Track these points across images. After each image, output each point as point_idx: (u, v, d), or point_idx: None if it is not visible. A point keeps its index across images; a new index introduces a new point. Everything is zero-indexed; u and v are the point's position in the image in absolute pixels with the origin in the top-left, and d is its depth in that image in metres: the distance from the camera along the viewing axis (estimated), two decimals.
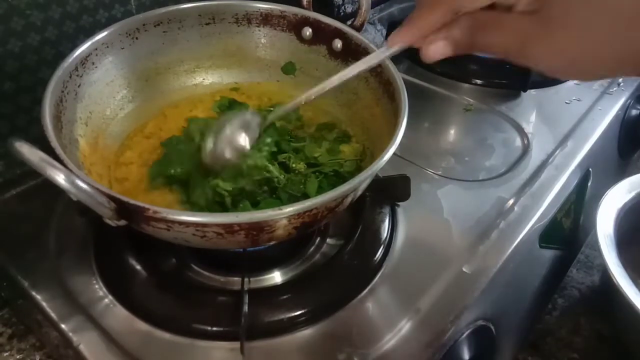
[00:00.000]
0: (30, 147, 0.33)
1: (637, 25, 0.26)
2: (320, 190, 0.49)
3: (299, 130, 0.57)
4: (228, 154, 0.46)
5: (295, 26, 0.60)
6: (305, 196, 0.48)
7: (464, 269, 0.52)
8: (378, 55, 0.41)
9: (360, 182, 0.41)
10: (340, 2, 0.91)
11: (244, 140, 0.46)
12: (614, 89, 0.81)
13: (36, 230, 0.54)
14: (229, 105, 0.59)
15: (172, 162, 0.50)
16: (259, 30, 0.61)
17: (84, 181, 0.35)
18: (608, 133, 0.74)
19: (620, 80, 0.82)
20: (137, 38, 0.56)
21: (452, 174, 0.64)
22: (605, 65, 0.29)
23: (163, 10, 0.57)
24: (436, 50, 0.34)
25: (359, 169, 0.52)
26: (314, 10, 0.59)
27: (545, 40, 0.28)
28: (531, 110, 0.76)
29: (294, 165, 0.51)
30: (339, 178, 0.51)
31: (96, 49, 0.52)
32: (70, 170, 0.35)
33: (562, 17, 0.28)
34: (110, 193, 0.36)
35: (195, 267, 0.52)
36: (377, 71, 0.53)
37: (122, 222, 0.39)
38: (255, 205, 0.47)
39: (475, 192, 0.61)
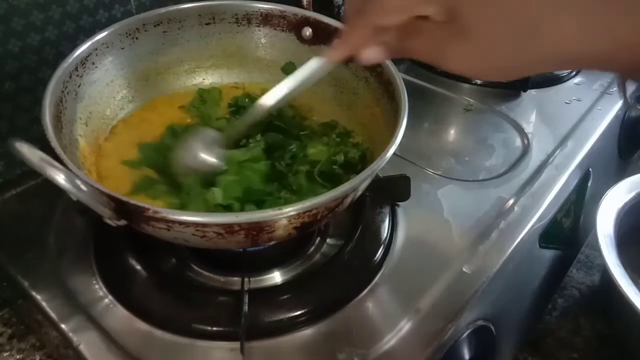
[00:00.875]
0: (30, 147, 0.33)
1: (535, 33, 0.28)
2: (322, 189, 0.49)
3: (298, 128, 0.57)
4: (197, 165, 0.47)
5: (295, 26, 0.60)
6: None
7: (464, 269, 0.52)
8: (312, 65, 0.43)
9: (360, 182, 0.41)
10: (340, 2, 0.91)
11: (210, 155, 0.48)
12: (614, 89, 0.81)
13: (36, 230, 0.54)
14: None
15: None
16: (259, 30, 0.61)
17: (83, 181, 0.35)
18: (608, 133, 0.74)
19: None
20: (137, 38, 0.56)
21: (452, 174, 0.64)
22: (512, 66, 0.31)
23: (163, 10, 0.57)
24: (370, 54, 0.37)
25: (363, 159, 0.52)
26: (314, 10, 0.59)
27: (457, 46, 0.32)
28: (531, 110, 0.76)
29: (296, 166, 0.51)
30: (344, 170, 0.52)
31: (96, 49, 0.52)
32: (70, 170, 0.35)
33: (468, 27, 0.30)
34: (110, 193, 0.36)
35: (195, 267, 0.52)
36: (377, 71, 0.53)
37: (122, 222, 0.39)
38: (261, 204, 0.47)
39: (475, 192, 0.61)
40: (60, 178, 0.34)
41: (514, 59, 0.31)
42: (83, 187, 0.35)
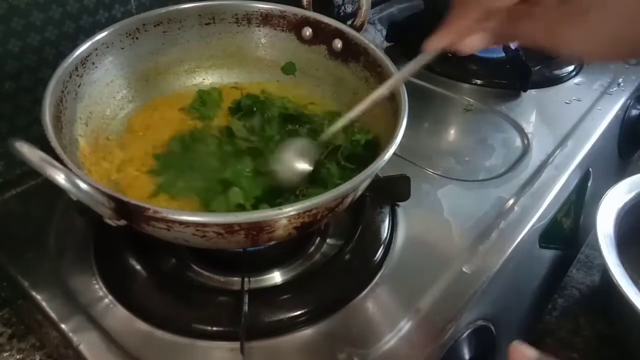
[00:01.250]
0: (30, 147, 0.33)
1: None
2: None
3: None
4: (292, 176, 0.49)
5: (295, 26, 0.60)
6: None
7: (464, 269, 0.52)
8: (419, 61, 0.42)
9: (360, 182, 0.41)
10: (340, 2, 0.91)
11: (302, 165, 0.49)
12: (614, 89, 0.81)
13: (36, 230, 0.54)
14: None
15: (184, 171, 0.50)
16: (259, 30, 0.61)
17: (84, 181, 0.35)
18: (608, 133, 0.74)
19: (620, 80, 0.82)
20: (137, 38, 0.56)
21: (452, 174, 0.64)
22: (626, 47, 0.30)
23: (163, 10, 0.57)
24: (474, 42, 0.36)
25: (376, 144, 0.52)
26: (314, 11, 0.59)
27: (572, 27, 0.30)
28: (531, 110, 0.76)
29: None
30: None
31: (96, 49, 0.52)
32: (71, 170, 0.35)
33: (584, 4, 0.29)
34: (110, 193, 0.36)
35: (195, 267, 0.52)
36: (377, 71, 0.53)
37: (122, 222, 0.39)
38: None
39: (475, 192, 0.61)
40: (60, 178, 0.34)
41: (626, 35, 0.29)
42: (83, 186, 0.35)
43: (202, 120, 0.57)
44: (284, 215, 0.38)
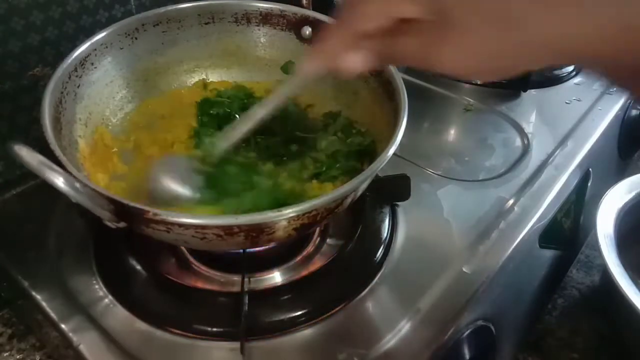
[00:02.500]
0: (29, 150, 0.33)
1: (525, 24, 0.28)
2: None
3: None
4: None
5: (294, 25, 0.60)
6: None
7: (464, 269, 0.52)
8: (292, 83, 0.41)
9: (360, 182, 0.41)
10: (341, 2, 0.91)
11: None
12: (614, 89, 0.81)
13: (36, 230, 0.54)
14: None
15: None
16: (259, 30, 0.61)
17: (83, 184, 0.35)
18: (608, 133, 0.74)
19: None
20: (136, 38, 0.56)
21: (452, 174, 0.64)
22: (499, 67, 0.31)
23: (162, 10, 0.57)
24: (352, 61, 0.34)
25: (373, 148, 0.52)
26: (314, 10, 0.59)
27: (448, 45, 0.30)
28: (531, 110, 0.76)
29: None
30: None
31: (95, 50, 0.52)
32: (70, 173, 0.35)
33: (458, 23, 0.29)
34: (110, 195, 0.36)
35: (195, 267, 0.52)
36: (377, 71, 0.53)
37: (122, 224, 0.39)
38: None
39: (475, 192, 0.61)
40: (59, 181, 0.34)
41: (507, 54, 0.30)
42: (82, 190, 0.35)
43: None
44: (284, 217, 0.38)
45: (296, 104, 0.59)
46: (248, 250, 0.49)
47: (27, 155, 0.33)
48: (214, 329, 0.45)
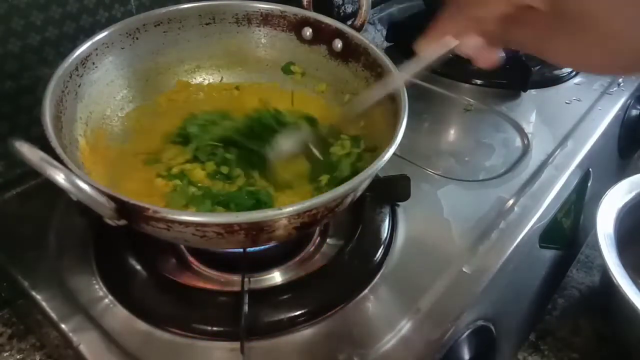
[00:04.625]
0: (31, 147, 0.33)
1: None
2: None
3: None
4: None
5: (295, 26, 0.60)
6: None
7: (464, 269, 0.52)
8: (419, 63, 0.41)
9: (360, 182, 0.41)
10: (340, 2, 0.91)
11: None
12: (614, 89, 0.81)
13: (36, 230, 0.54)
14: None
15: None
16: (259, 31, 0.61)
17: (84, 181, 0.35)
18: (608, 133, 0.74)
19: (620, 80, 0.82)
20: (137, 38, 0.56)
21: (452, 174, 0.64)
22: (613, 63, 0.30)
23: (163, 10, 0.57)
24: (468, 44, 0.35)
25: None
26: (314, 11, 0.59)
27: (562, 39, 0.30)
28: (531, 110, 0.76)
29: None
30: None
31: (96, 49, 0.52)
32: (70, 170, 0.35)
33: (573, 18, 0.29)
34: (110, 193, 0.36)
35: (196, 267, 0.52)
36: (377, 71, 0.53)
37: (122, 222, 0.39)
38: None
39: (475, 192, 0.61)
40: (60, 178, 0.34)
41: (621, 54, 0.29)
42: (83, 186, 0.35)
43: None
44: (284, 216, 0.38)
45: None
46: (248, 250, 0.49)
47: (28, 151, 0.33)
48: (214, 329, 0.45)
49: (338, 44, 0.58)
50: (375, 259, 0.51)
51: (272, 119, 0.56)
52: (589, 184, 0.72)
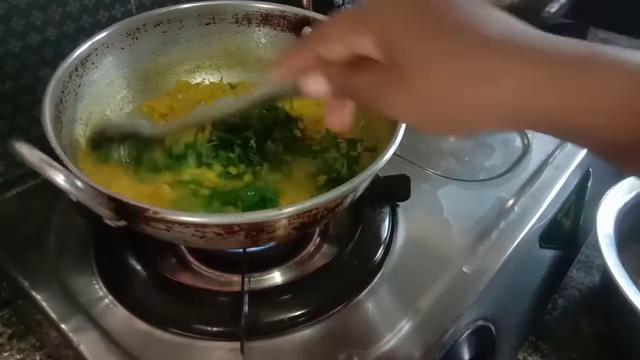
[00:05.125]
0: (30, 148, 0.33)
1: (489, 83, 0.25)
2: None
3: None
4: None
5: (295, 26, 0.60)
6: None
7: (464, 269, 0.52)
8: (262, 90, 0.39)
9: (360, 182, 0.41)
10: (340, 2, 0.91)
11: None
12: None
13: (36, 230, 0.54)
14: None
15: None
16: (259, 30, 0.61)
17: (83, 182, 0.35)
18: None
19: None
20: (137, 38, 0.56)
21: (452, 174, 0.64)
22: (449, 120, 0.28)
23: (163, 10, 0.57)
24: (314, 83, 0.32)
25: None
26: (314, 10, 0.59)
27: (395, 91, 0.28)
28: None
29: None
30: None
31: (96, 49, 0.52)
32: (70, 171, 0.35)
33: (404, 67, 0.27)
34: (110, 194, 0.36)
35: (196, 267, 0.52)
36: None
37: (122, 223, 0.39)
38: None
39: (475, 192, 0.61)
40: (59, 179, 0.34)
41: (452, 112, 0.27)
42: (82, 187, 0.35)
43: None
44: (284, 216, 0.38)
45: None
46: (248, 250, 0.49)
47: (28, 152, 0.33)
48: (214, 329, 0.45)
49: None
50: (375, 259, 0.51)
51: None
52: (589, 184, 0.72)
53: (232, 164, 0.51)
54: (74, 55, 0.49)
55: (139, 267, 0.49)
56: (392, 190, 0.57)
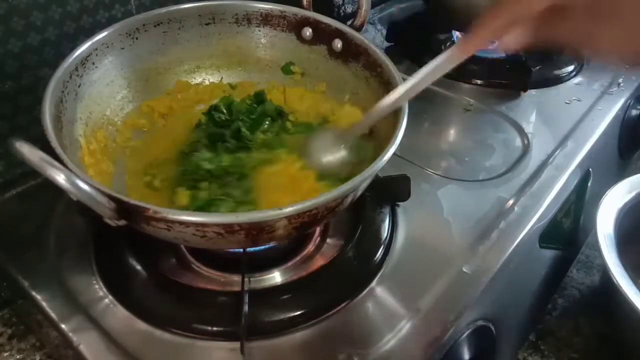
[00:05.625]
0: (31, 147, 0.33)
1: None
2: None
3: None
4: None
5: (295, 26, 0.60)
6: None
7: (464, 269, 0.52)
8: (451, 60, 0.41)
9: (360, 182, 0.41)
10: (340, 2, 0.91)
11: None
12: (614, 89, 0.81)
13: (36, 230, 0.54)
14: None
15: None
16: (259, 31, 0.61)
17: (84, 181, 0.35)
18: (608, 133, 0.74)
19: (620, 80, 0.82)
20: (137, 38, 0.56)
21: (452, 174, 0.64)
22: None
23: (163, 10, 0.57)
24: (513, 40, 0.35)
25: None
26: (314, 11, 0.59)
27: (605, 29, 0.30)
28: (531, 110, 0.76)
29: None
30: None
31: (96, 49, 0.52)
32: (70, 170, 0.35)
33: (614, 7, 0.29)
34: (110, 193, 0.36)
35: (196, 267, 0.52)
36: (377, 71, 0.53)
37: (122, 222, 0.39)
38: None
39: (475, 192, 0.61)
40: (60, 178, 0.34)
41: None
42: (83, 186, 0.35)
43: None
44: (284, 216, 0.38)
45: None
46: (248, 250, 0.49)
47: (29, 151, 0.33)
48: (214, 329, 0.45)
49: (338, 44, 0.58)
50: (375, 259, 0.51)
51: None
52: (589, 184, 0.72)
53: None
54: (74, 55, 0.49)
55: (139, 267, 0.49)
56: (392, 190, 0.57)
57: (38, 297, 0.48)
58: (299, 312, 0.46)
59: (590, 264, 0.71)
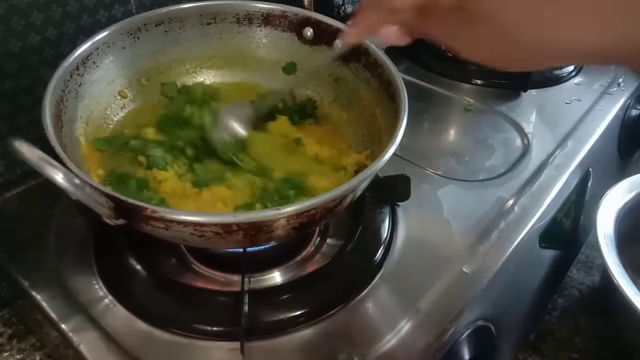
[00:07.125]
0: (30, 146, 0.33)
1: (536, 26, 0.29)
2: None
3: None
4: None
5: (296, 26, 0.60)
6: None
7: (464, 269, 0.51)
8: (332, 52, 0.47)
9: (360, 182, 0.41)
10: (341, 2, 0.91)
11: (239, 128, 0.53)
12: (614, 89, 0.81)
13: (36, 230, 0.54)
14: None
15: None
16: (260, 31, 0.61)
17: (82, 180, 0.35)
18: (608, 133, 0.74)
19: (620, 80, 0.82)
20: (138, 38, 0.56)
21: (452, 174, 0.64)
22: (518, 56, 0.32)
23: (164, 10, 0.57)
24: (389, 34, 0.38)
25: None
26: (315, 11, 0.59)
27: (466, 31, 0.32)
28: (531, 110, 0.76)
29: None
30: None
31: (97, 49, 0.52)
32: (69, 169, 0.35)
33: (475, 11, 0.31)
34: (109, 192, 0.36)
35: (196, 267, 0.52)
36: (378, 72, 0.53)
37: (121, 221, 0.39)
38: None
39: (475, 192, 0.61)
40: (58, 177, 0.34)
41: (519, 50, 0.31)
42: (82, 186, 0.35)
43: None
44: (283, 216, 0.38)
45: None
46: (248, 250, 0.49)
47: (28, 151, 0.33)
48: (214, 329, 0.45)
49: (339, 44, 0.57)
50: (375, 259, 0.51)
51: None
52: (589, 184, 0.72)
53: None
54: (75, 54, 0.49)
55: (139, 267, 0.49)
56: (392, 190, 0.57)
57: (38, 297, 0.48)
58: (298, 312, 0.46)
59: (590, 264, 0.71)
